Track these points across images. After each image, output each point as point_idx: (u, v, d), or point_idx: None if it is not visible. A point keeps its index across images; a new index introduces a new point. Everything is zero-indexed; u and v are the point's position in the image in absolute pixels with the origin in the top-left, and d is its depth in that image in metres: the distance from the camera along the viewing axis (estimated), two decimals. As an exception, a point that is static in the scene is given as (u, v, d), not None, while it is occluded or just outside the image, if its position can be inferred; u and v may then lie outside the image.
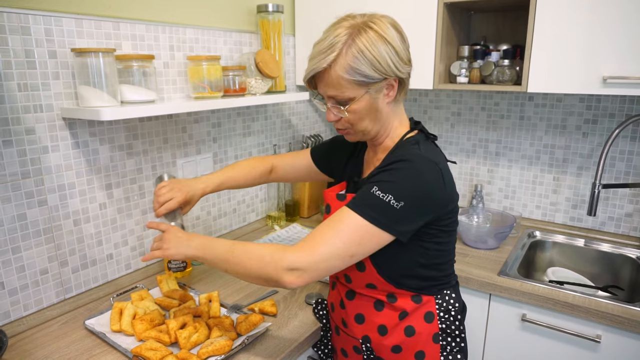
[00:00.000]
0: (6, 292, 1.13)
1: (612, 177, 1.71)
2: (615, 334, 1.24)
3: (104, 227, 1.32)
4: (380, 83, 0.92)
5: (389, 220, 0.87)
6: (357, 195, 0.91)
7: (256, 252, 0.91)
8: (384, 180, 0.88)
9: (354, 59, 0.88)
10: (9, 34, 1.05)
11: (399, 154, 0.93)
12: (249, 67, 1.51)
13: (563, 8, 1.36)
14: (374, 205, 0.87)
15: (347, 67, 0.89)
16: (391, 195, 0.86)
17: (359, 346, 1.03)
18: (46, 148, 1.15)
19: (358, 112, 0.94)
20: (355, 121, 0.96)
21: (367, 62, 0.89)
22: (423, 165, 0.90)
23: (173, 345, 1.06)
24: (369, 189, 0.89)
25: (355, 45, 0.89)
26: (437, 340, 1.00)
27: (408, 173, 0.89)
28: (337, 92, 0.92)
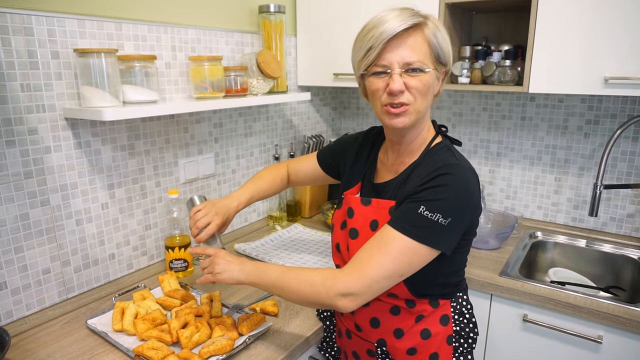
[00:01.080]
0: (9, 291, 1.13)
1: (614, 178, 1.71)
2: (617, 334, 1.24)
3: (106, 227, 1.32)
4: (442, 68, 0.94)
5: (438, 237, 0.86)
6: (402, 213, 0.89)
7: (307, 279, 0.91)
8: (431, 199, 0.86)
9: (436, 33, 0.90)
10: (12, 35, 1.05)
11: (437, 164, 0.90)
12: (251, 67, 1.52)
13: (564, 8, 1.36)
14: (423, 226, 0.86)
15: (433, 36, 0.90)
16: (439, 214, 0.85)
17: (374, 350, 1.03)
18: (49, 148, 1.16)
19: (426, 85, 0.90)
20: (419, 95, 0.90)
21: (444, 42, 0.92)
22: (465, 177, 0.89)
23: (175, 344, 1.06)
24: (415, 208, 0.86)
25: (434, 24, 0.91)
26: (450, 342, 1.00)
27: (453, 189, 0.87)
28: (418, 57, 0.88)
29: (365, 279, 0.86)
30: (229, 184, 1.72)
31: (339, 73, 1.76)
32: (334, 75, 1.79)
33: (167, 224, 1.42)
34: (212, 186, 1.65)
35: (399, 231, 0.86)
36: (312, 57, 1.84)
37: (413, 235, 0.85)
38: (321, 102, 2.15)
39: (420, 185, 0.90)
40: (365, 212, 0.99)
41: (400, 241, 0.86)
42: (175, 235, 1.41)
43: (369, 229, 0.98)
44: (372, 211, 0.98)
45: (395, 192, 0.96)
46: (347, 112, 2.32)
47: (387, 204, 0.96)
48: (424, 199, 0.87)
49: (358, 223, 1.00)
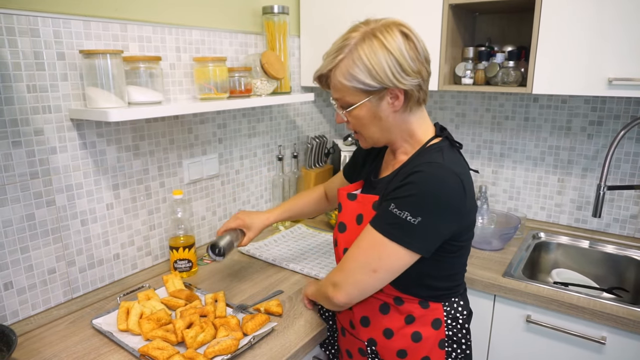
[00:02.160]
0: (15, 291, 1.14)
1: (617, 179, 1.71)
2: (621, 335, 1.24)
3: (110, 227, 1.33)
4: (380, 92, 0.91)
5: (405, 236, 0.87)
6: (378, 212, 0.93)
7: None
8: (400, 197, 0.88)
9: (352, 65, 0.89)
10: (19, 36, 1.06)
11: (417, 164, 0.92)
12: (255, 68, 1.52)
13: (568, 9, 1.36)
14: (392, 223, 0.88)
15: (346, 72, 0.90)
16: (407, 211, 0.86)
17: (364, 348, 1.04)
18: (54, 149, 1.16)
19: (360, 118, 0.95)
20: (359, 127, 0.97)
21: (364, 69, 0.88)
22: (439, 176, 0.88)
23: (180, 344, 1.06)
24: (387, 206, 0.90)
25: (357, 52, 0.89)
26: (442, 347, 1.00)
27: (424, 187, 0.87)
28: (339, 96, 0.95)
29: (344, 270, 0.95)
30: (232, 185, 1.73)
31: (343, 74, 1.76)
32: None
33: (171, 224, 1.43)
34: (216, 186, 1.66)
35: (373, 227, 0.92)
36: (316, 57, 1.85)
37: (383, 231, 0.90)
38: (324, 103, 2.16)
39: (397, 183, 0.92)
40: (351, 206, 1.03)
41: (371, 235, 0.91)
42: (180, 235, 1.42)
43: (355, 223, 1.02)
44: (358, 206, 1.02)
45: (383, 187, 0.99)
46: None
47: (371, 198, 0.99)
48: (394, 196, 0.89)
49: (345, 217, 1.04)
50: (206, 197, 1.63)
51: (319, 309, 1.21)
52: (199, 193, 1.60)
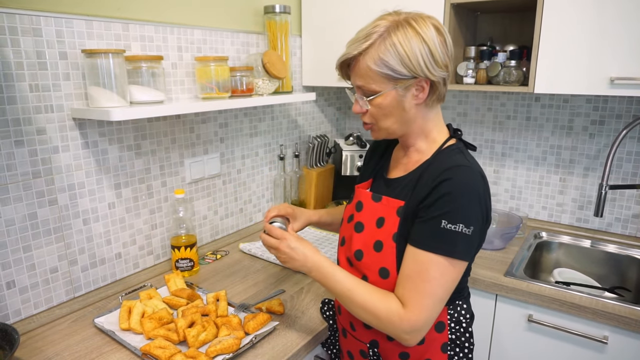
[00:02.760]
0: (17, 290, 1.14)
1: (619, 178, 1.71)
2: (623, 335, 1.24)
3: (112, 227, 1.33)
4: (409, 81, 0.89)
5: (466, 247, 0.86)
6: (426, 232, 0.87)
7: (372, 309, 0.90)
8: (448, 211, 0.85)
9: (385, 51, 0.87)
10: (21, 36, 1.06)
11: (443, 168, 0.89)
12: (256, 67, 1.52)
13: (570, 9, 1.36)
14: (451, 240, 0.85)
15: (377, 58, 0.88)
16: (461, 223, 0.85)
17: (366, 350, 1.03)
18: (56, 148, 1.16)
19: (382, 107, 0.92)
20: (378, 117, 0.94)
21: (397, 56, 0.87)
22: (475, 179, 0.88)
23: (181, 343, 1.07)
24: (437, 224, 0.85)
25: (390, 38, 0.87)
26: (445, 350, 0.99)
27: (466, 194, 0.86)
28: (363, 83, 0.91)
29: (424, 312, 0.87)
30: (234, 184, 1.73)
31: (344, 73, 1.76)
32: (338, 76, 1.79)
33: (173, 223, 1.43)
34: (218, 186, 1.66)
35: (431, 252, 0.86)
36: (317, 57, 1.85)
37: (446, 253, 0.85)
38: (326, 102, 2.16)
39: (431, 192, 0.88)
40: (374, 208, 0.99)
41: (436, 263, 0.86)
42: (181, 234, 1.42)
43: (374, 225, 0.98)
44: (381, 208, 0.98)
45: (405, 191, 0.95)
46: (351, 112, 2.31)
47: (396, 203, 0.95)
48: (442, 212, 0.86)
49: (365, 217, 1.00)
50: (208, 196, 1.63)
51: (320, 307, 1.21)
52: (201, 192, 1.60)
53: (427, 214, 0.88)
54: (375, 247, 0.95)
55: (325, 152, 2.03)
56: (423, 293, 0.86)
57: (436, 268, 0.86)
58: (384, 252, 0.94)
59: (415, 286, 0.87)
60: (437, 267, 0.86)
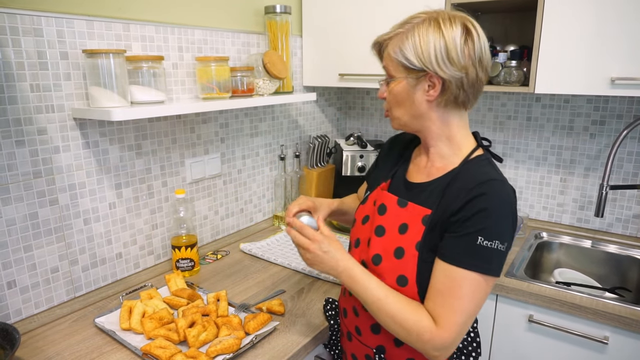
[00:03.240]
0: (18, 289, 1.14)
1: (620, 179, 1.71)
2: (623, 335, 1.24)
3: (113, 227, 1.33)
4: (419, 73, 0.89)
5: (500, 264, 0.86)
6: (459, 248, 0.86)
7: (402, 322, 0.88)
8: (484, 228, 0.84)
9: (404, 41, 0.90)
10: (22, 36, 1.06)
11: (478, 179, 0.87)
12: (257, 68, 1.52)
13: (571, 9, 1.36)
14: (486, 257, 0.84)
15: (396, 45, 0.91)
16: (497, 240, 0.84)
17: (372, 355, 1.02)
18: (57, 148, 1.17)
19: (394, 94, 0.94)
20: (392, 104, 0.97)
21: (412, 46, 0.89)
22: (507, 194, 0.87)
23: (182, 343, 1.07)
24: (472, 240, 0.84)
25: (413, 30, 0.90)
26: (452, 358, 0.99)
27: (501, 210, 0.85)
28: (386, 65, 0.96)
29: (454, 328, 0.85)
30: (234, 184, 1.73)
31: (345, 73, 1.76)
32: (339, 76, 1.79)
33: (173, 223, 1.43)
34: (218, 186, 1.66)
35: (465, 268, 0.84)
36: (318, 57, 1.85)
37: (480, 270, 0.84)
38: (326, 103, 2.16)
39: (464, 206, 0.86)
40: (398, 213, 0.97)
41: (470, 280, 0.84)
42: (182, 234, 1.42)
43: (397, 231, 0.95)
44: (406, 215, 0.95)
45: (431, 199, 0.93)
46: (352, 112, 2.32)
47: (422, 211, 0.93)
48: (477, 228, 0.84)
49: (388, 222, 0.98)
50: (208, 196, 1.63)
51: (323, 305, 1.22)
52: (201, 192, 1.60)
53: (461, 230, 0.85)
54: (396, 253, 0.93)
55: (325, 152, 2.03)
56: (455, 310, 0.85)
57: (469, 285, 0.84)
58: (405, 259, 0.92)
59: (448, 302, 0.85)
60: (470, 284, 0.84)
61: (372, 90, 2.25)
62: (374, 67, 1.67)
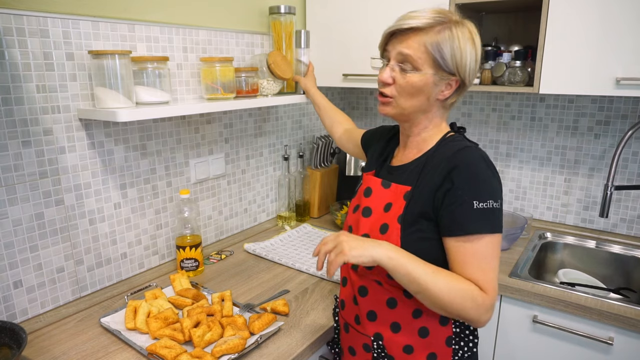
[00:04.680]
0: (24, 289, 1.15)
1: (625, 179, 1.70)
2: (628, 336, 1.24)
3: (118, 227, 1.34)
4: (447, 75, 0.93)
5: (500, 220, 0.90)
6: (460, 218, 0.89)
7: (458, 290, 0.87)
8: (475, 192, 0.88)
9: (444, 39, 0.90)
10: (28, 37, 1.07)
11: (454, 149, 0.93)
12: (261, 68, 1.53)
13: (576, 9, 1.35)
14: (487, 217, 0.88)
15: (435, 42, 0.91)
16: (491, 199, 0.88)
17: (370, 344, 1.03)
18: (63, 148, 1.17)
19: (413, 86, 0.94)
20: (403, 94, 0.95)
21: (451, 49, 0.91)
22: (482, 156, 0.92)
23: (187, 343, 1.07)
24: (469, 207, 0.87)
25: (451, 31, 0.91)
26: (450, 344, 1.00)
27: (483, 171, 0.90)
28: (410, 52, 0.92)
29: (493, 285, 0.89)
30: (238, 184, 1.73)
31: (349, 74, 1.77)
32: (343, 76, 1.79)
33: (178, 223, 1.44)
34: (222, 186, 1.67)
35: (474, 233, 0.88)
36: (322, 58, 1.85)
37: (487, 229, 0.88)
38: (330, 103, 2.16)
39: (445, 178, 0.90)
40: (383, 194, 1.01)
41: (484, 242, 0.88)
42: (186, 234, 1.43)
43: (382, 210, 1.00)
44: (390, 195, 1.00)
45: (411, 177, 0.98)
46: (355, 112, 2.32)
47: (403, 189, 0.98)
48: (469, 195, 0.88)
49: (374, 203, 1.02)
50: (212, 196, 1.64)
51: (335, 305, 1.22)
52: (206, 192, 1.61)
53: (454, 201, 0.89)
54: (381, 229, 0.97)
55: (329, 153, 2.03)
56: (486, 270, 0.89)
57: (486, 246, 0.89)
58: (389, 233, 0.95)
59: (477, 267, 0.89)
60: (486, 244, 0.88)
61: (375, 91, 2.25)
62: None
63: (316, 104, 1.58)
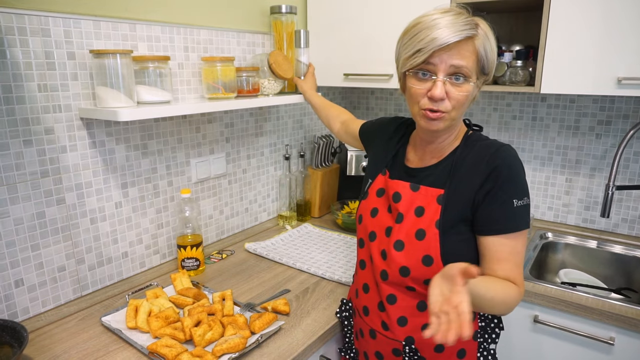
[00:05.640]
0: (25, 288, 1.15)
1: (626, 179, 1.70)
2: (629, 336, 1.24)
3: (119, 226, 1.34)
4: (485, 77, 0.94)
5: (529, 215, 0.94)
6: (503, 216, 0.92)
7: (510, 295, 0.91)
8: (515, 191, 0.91)
9: (485, 41, 0.90)
10: (30, 36, 1.07)
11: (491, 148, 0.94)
12: (262, 68, 1.53)
13: (577, 8, 1.35)
14: (523, 215, 0.92)
15: (483, 46, 0.90)
16: (525, 197, 0.92)
17: (400, 348, 1.02)
18: (64, 148, 1.17)
19: (466, 96, 0.91)
20: (458, 106, 0.91)
21: (492, 52, 0.92)
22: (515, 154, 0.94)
23: (188, 342, 1.07)
24: (510, 205, 0.91)
25: (486, 33, 0.91)
26: (475, 338, 1.01)
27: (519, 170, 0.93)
28: (466, 63, 0.88)
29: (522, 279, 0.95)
30: (239, 184, 1.73)
31: (350, 73, 1.76)
32: (344, 76, 1.79)
33: (179, 223, 1.44)
34: (223, 185, 1.67)
35: (514, 231, 0.92)
36: (323, 57, 1.85)
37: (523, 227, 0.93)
38: (331, 102, 2.16)
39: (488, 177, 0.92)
40: (412, 197, 1.00)
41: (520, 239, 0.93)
42: (187, 234, 1.43)
43: (413, 214, 0.98)
44: (420, 198, 0.99)
45: (441, 179, 0.97)
46: (357, 112, 2.32)
47: (435, 192, 0.97)
48: (510, 193, 0.91)
49: (404, 208, 1.00)
50: (213, 195, 1.64)
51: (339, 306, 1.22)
52: (207, 192, 1.61)
53: (495, 200, 0.92)
54: (417, 235, 0.96)
55: (330, 152, 2.03)
56: (519, 265, 0.94)
57: (521, 242, 0.94)
58: (427, 239, 0.95)
59: (513, 264, 0.93)
60: (521, 241, 0.94)
61: (376, 90, 2.25)
62: (378, 67, 1.67)
63: (313, 105, 1.59)
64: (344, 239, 1.71)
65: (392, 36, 1.02)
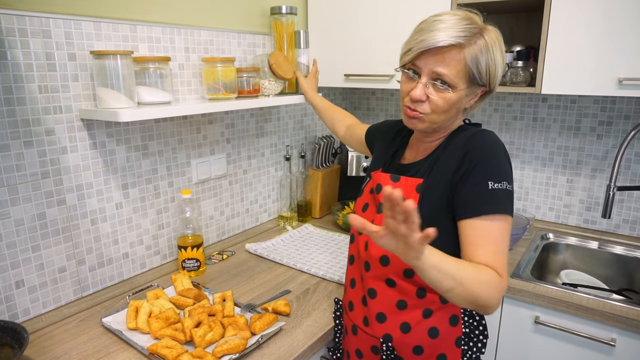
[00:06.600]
0: (26, 289, 1.15)
1: (627, 180, 1.70)
2: (630, 337, 1.23)
3: (120, 227, 1.34)
4: (477, 87, 0.92)
5: (512, 203, 0.90)
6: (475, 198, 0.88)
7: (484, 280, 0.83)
8: (490, 172, 0.88)
9: (481, 52, 0.87)
10: (31, 37, 1.07)
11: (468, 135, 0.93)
12: (263, 68, 1.53)
13: (577, 9, 1.35)
14: (501, 198, 0.87)
15: (474, 56, 0.88)
16: (504, 181, 0.88)
17: (378, 346, 1.02)
18: (65, 149, 1.17)
19: (448, 103, 0.91)
20: (437, 110, 0.92)
21: (486, 62, 0.89)
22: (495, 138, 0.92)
23: (188, 343, 1.07)
24: (484, 187, 0.87)
25: (485, 40, 0.88)
26: (459, 345, 0.99)
27: (497, 153, 0.90)
28: (448, 72, 0.87)
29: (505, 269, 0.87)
30: (240, 184, 1.73)
31: (350, 74, 1.76)
32: (345, 76, 1.79)
33: (179, 223, 1.44)
34: (224, 186, 1.67)
35: (489, 214, 0.87)
36: (323, 58, 1.85)
37: (500, 210, 0.87)
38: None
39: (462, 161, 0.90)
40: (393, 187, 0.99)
41: (497, 223, 0.87)
42: (188, 235, 1.43)
43: None
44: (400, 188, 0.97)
45: (422, 171, 0.98)
46: (357, 112, 2.32)
47: (414, 181, 0.97)
48: (484, 175, 0.88)
49: None
50: (214, 196, 1.64)
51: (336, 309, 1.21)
52: (207, 193, 1.61)
53: (469, 182, 0.89)
54: None
55: (331, 153, 2.03)
56: (499, 253, 0.87)
57: (499, 227, 0.87)
58: None
59: (491, 250, 0.86)
60: (499, 226, 0.87)
61: (377, 91, 2.25)
62: (379, 68, 1.67)
63: (315, 107, 1.59)
64: (344, 240, 1.71)
65: (393, 37, 1.03)
